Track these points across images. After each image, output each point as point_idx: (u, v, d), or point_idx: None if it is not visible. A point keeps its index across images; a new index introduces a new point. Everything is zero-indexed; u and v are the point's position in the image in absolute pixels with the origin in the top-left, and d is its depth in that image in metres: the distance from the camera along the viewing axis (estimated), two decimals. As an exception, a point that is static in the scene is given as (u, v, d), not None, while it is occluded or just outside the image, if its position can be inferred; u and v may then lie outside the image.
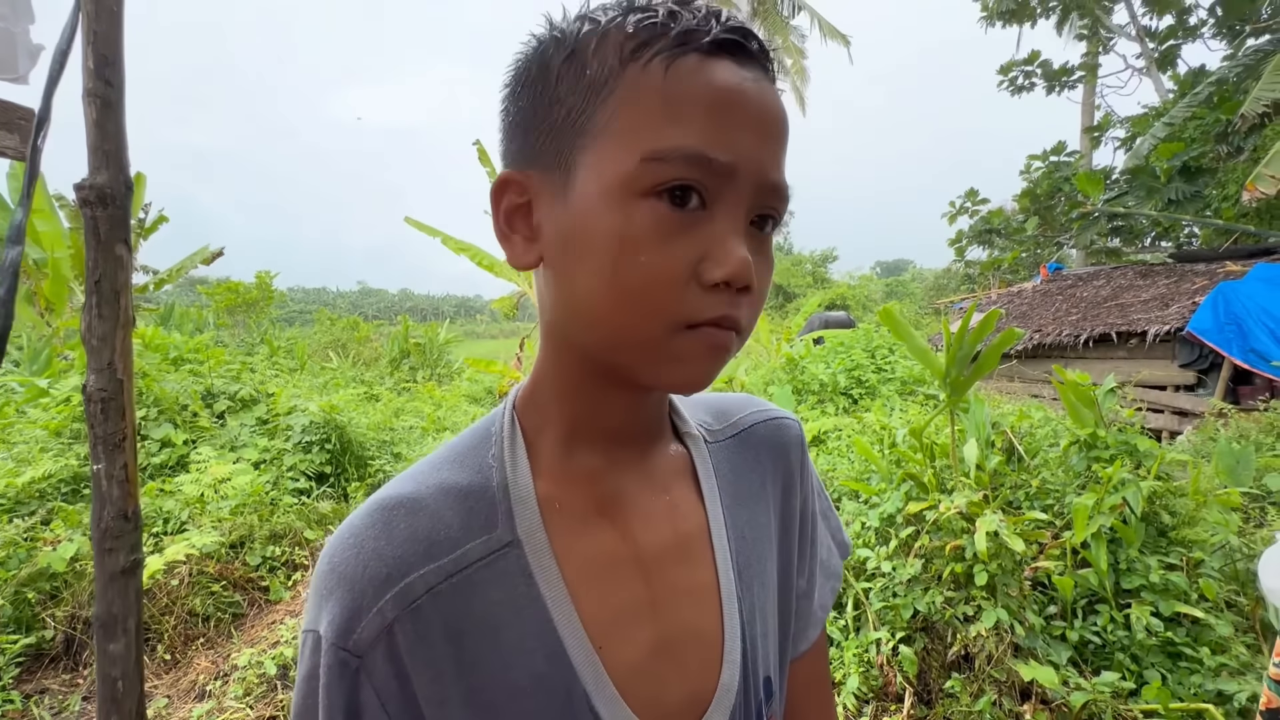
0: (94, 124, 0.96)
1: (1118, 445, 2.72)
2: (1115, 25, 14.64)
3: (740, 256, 0.39)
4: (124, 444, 0.99)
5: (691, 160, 0.38)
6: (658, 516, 0.51)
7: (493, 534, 0.45)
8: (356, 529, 0.44)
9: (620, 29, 0.40)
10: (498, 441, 0.49)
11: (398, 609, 0.42)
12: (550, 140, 0.42)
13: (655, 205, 0.38)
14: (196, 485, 3.95)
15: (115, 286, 0.97)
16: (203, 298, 16.24)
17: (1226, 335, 6.34)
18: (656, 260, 0.38)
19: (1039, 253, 15.89)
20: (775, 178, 0.41)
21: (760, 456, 0.59)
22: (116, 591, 0.99)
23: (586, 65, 0.40)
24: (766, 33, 18.02)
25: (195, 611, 3.24)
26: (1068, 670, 2.19)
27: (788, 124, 0.42)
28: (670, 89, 0.38)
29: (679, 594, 0.50)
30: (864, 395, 5.95)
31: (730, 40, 0.39)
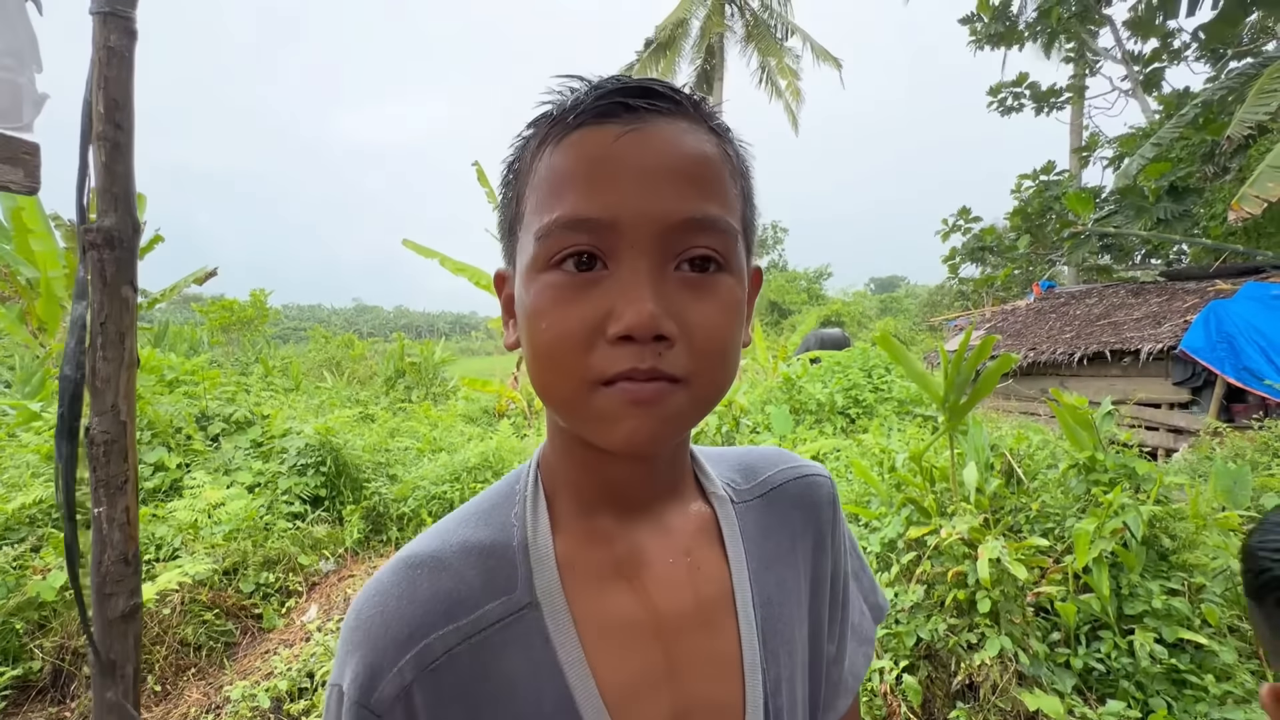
0: (103, 167, 0.97)
1: (1116, 468, 2.72)
2: (1101, 48, 14.95)
3: (640, 308, 0.38)
4: (126, 486, 0.98)
5: (570, 227, 0.40)
6: (678, 580, 0.50)
7: (512, 595, 0.46)
8: (383, 587, 0.46)
9: (528, 131, 0.45)
10: (521, 500, 0.50)
11: (417, 670, 0.43)
12: (507, 239, 0.48)
13: (554, 276, 0.41)
14: (190, 510, 3.90)
15: (121, 329, 0.97)
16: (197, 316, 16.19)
17: (1219, 353, 6.40)
18: (558, 324, 0.41)
19: (1031, 270, 16.04)
20: (678, 215, 0.40)
21: (790, 516, 0.58)
22: (116, 636, 0.97)
23: (517, 166, 0.46)
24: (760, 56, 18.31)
25: (187, 641, 3.18)
26: (1073, 699, 2.18)
27: (697, 159, 0.42)
28: (552, 169, 0.42)
29: (698, 663, 0.49)
30: (861, 415, 5.95)
31: (609, 105, 0.41)
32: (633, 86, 0.42)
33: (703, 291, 0.41)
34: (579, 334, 0.40)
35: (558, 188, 0.41)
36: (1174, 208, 10.78)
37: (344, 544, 4.37)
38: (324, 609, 3.62)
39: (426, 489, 5.14)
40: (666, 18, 17.75)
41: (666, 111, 0.42)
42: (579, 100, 0.42)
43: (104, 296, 0.96)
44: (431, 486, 5.18)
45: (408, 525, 4.89)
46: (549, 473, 0.51)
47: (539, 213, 0.42)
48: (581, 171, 0.40)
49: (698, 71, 19.01)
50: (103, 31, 0.97)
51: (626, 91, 0.41)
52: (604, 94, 0.41)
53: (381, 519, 4.86)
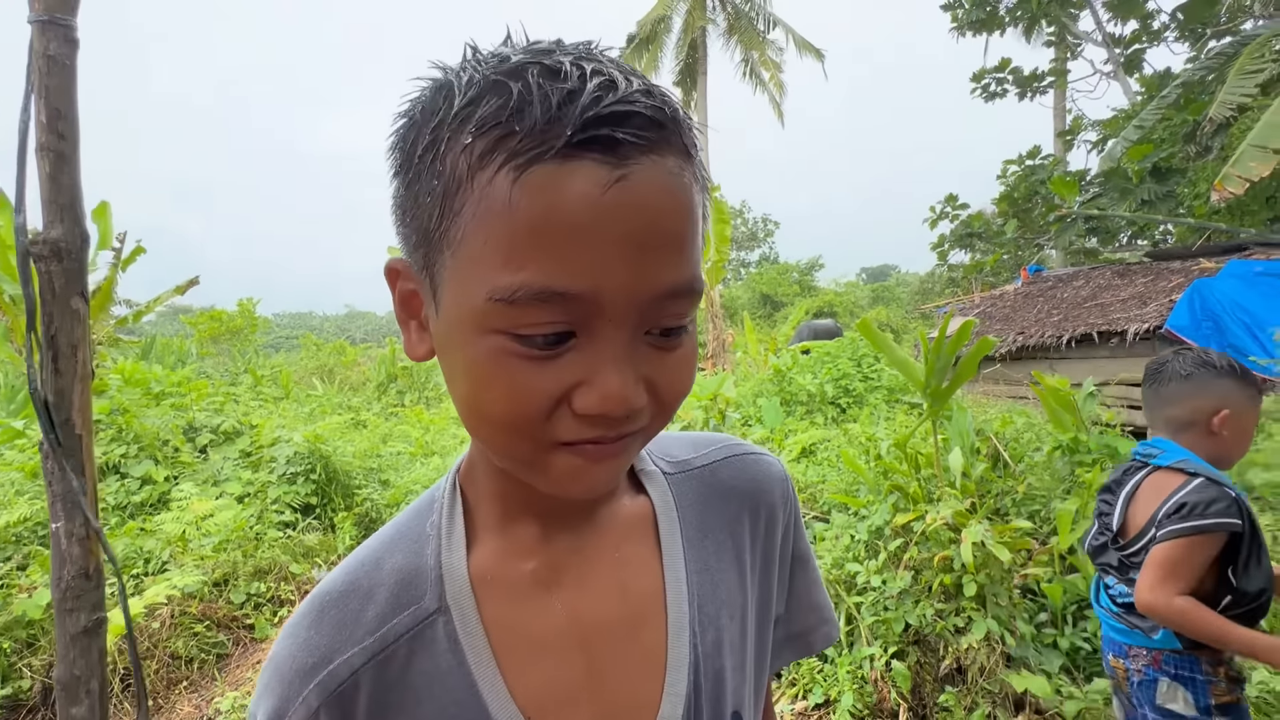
0: (48, 178, 0.95)
1: (1099, 448, 2.74)
2: (1081, 32, 15.01)
3: (615, 391, 0.35)
4: (83, 501, 0.97)
5: (542, 299, 0.33)
6: (605, 583, 0.49)
7: (420, 604, 0.45)
8: (295, 620, 0.45)
9: (467, 125, 0.34)
10: (439, 509, 0.49)
11: (321, 696, 0.42)
12: (419, 245, 0.38)
13: (511, 344, 0.35)
14: (178, 523, 3.88)
15: (73, 341, 0.96)
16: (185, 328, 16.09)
17: (1204, 332, 6.44)
18: (513, 395, 0.36)
19: (1019, 255, 16.10)
20: (666, 286, 0.36)
21: (732, 487, 0.57)
22: (79, 652, 0.96)
23: (441, 163, 0.35)
24: (743, 49, 18.30)
25: (178, 654, 3.17)
26: (1060, 679, 2.19)
27: (687, 210, 0.36)
28: (516, 211, 0.33)
29: (624, 667, 0.48)
30: (852, 404, 5.97)
31: (597, 135, 0.32)
32: (622, 111, 0.33)
33: (670, 353, 0.39)
34: (539, 407, 0.36)
35: (526, 242, 0.33)
36: (1158, 188, 10.84)
37: (336, 551, 4.36)
38: (316, 617, 3.62)
39: (419, 493, 5.12)
40: (647, 14, 17.72)
41: (648, 147, 0.34)
42: (552, 118, 0.32)
43: (53, 309, 0.95)
44: (424, 490, 5.17)
45: (400, 530, 4.88)
46: (471, 485, 0.49)
47: (497, 265, 0.34)
48: (562, 231, 0.33)
49: (681, 66, 18.99)
50: (41, 40, 0.95)
51: (615, 119, 0.33)
52: (596, 120, 0.32)
53: (374, 525, 4.85)
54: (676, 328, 0.38)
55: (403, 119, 0.39)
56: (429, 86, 0.38)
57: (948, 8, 15.34)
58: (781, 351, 8.39)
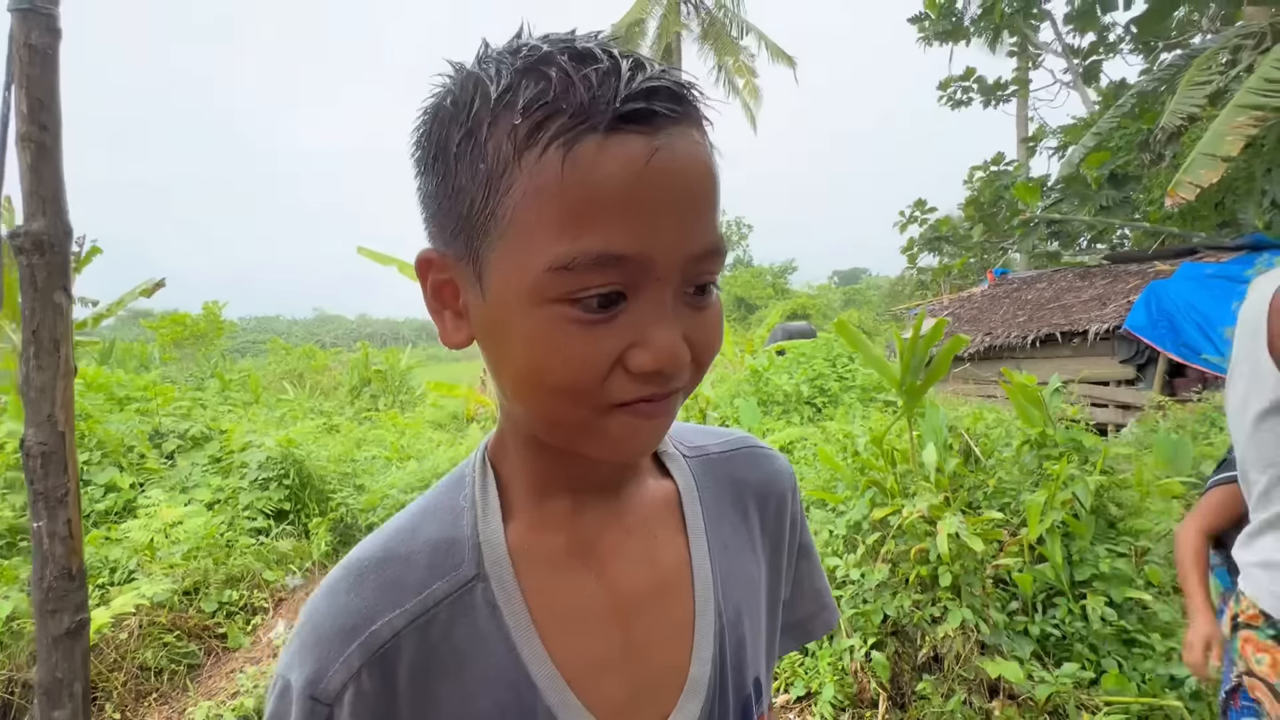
0: (29, 169, 0.93)
1: (1065, 442, 2.84)
2: (1042, 43, 15.53)
3: (667, 346, 0.38)
4: (66, 499, 0.95)
5: (600, 263, 0.35)
6: (636, 559, 0.51)
7: (458, 570, 0.46)
8: (332, 584, 0.46)
9: (511, 110, 0.36)
10: (470, 483, 0.50)
11: (364, 657, 0.43)
12: (459, 232, 0.39)
13: (571, 310, 0.37)
14: (145, 531, 3.76)
15: (55, 336, 0.94)
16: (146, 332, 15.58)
17: (1160, 331, 6.72)
18: (574, 359, 0.38)
19: (986, 258, 16.56)
20: (703, 246, 0.39)
21: (747, 474, 0.60)
22: (61, 654, 0.94)
23: (483, 150, 0.37)
24: (717, 56, 18.49)
25: (147, 665, 3.07)
26: (1031, 664, 2.27)
27: (713, 176, 0.39)
28: (569, 184, 0.35)
29: (657, 636, 0.50)
30: (827, 404, 6.07)
31: (637, 110, 0.35)
32: (653, 87, 0.36)
33: (703, 310, 0.41)
34: (599, 369, 0.38)
35: (582, 212, 0.35)
36: (1115, 194, 11.27)
37: (311, 558, 4.27)
38: (292, 624, 3.54)
39: (395, 497, 5.05)
40: (622, 18, 17.77)
41: (678, 117, 0.37)
42: (595, 96, 0.35)
43: (35, 303, 0.92)
44: (401, 495, 5.09)
45: (377, 535, 4.80)
46: (502, 463, 0.51)
47: (553, 236, 0.36)
48: (613, 198, 0.35)
49: (656, 70, 19.06)
50: (23, 29, 0.93)
51: (649, 94, 0.35)
52: (637, 95, 0.35)
53: (350, 530, 4.76)
54: (707, 286, 0.41)
55: (428, 115, 0.41)
56: (453, 81, 0.40)
57: (915, 20, 15.74)
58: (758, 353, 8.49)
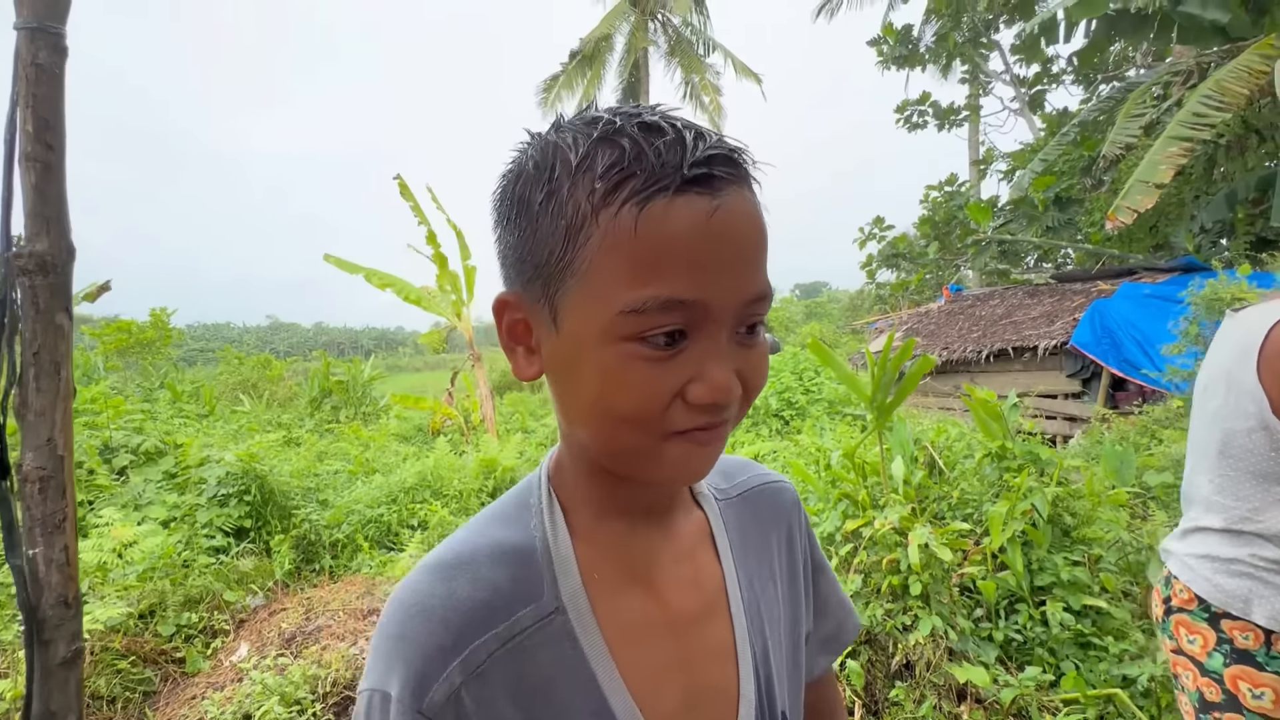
0: (33, 189, 0.91)
1: (1024, 455, 2.99)
2: (992, 71, 16.33)
3: (722, 382, 0.43)
4: (64, 525, 0.93)
5: (667, 307, 0.41)
6: (685, 580, 0.56)
7: (540, 602, 0.50)
8: (423, 594, 0.48)
9: (590, 173, 0.41)
10: (537, 511, 0.54)
11: (464, 674, 0.46)
12: (538, 278, 0.45)
13: (639, 348, 0.42)
14: (97, 551, 3.59)
15: (56, 358, 0.92)
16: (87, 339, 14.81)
17: (1103, 347, 7.11)
18: (641, 391, 0.42)
19: (941, 274, 17.20)
20: (754, 293, 0.44)
21: (763, 515, 0.66)
22: (56, 685, 0.91)
23: (564, 207, 0.42)
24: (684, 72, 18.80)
25: (99, 694, 2.92)
26: (996, 669, 2.37)
27: (763, 231, 0.45)
28: (641, 239, 0.40)
29: (704, 653, 0.55)
30: (795, 416, 6.21)
31: (700, 175, 0.41)
32: (713, 154, 0.41)
33: (752, 349, 0.46)
34: (663, 400, 0.43)
35: (652, 263, 0.40)
36: (1060, 216, 11.91)
37: (274, 576, 4.13)
38: (256, 646, 3.42)
39: (361, 513, 4.95)
40: (590, 31, 17.92)
41: (733, 179, 0.43)
42: (664, 163, 0.40)
43: (37, 325, 0.90)
44: (367, 510, 4.99)
45: (343, 552, 4.68)
46: (563, 488, 0.55)
47: (626, 284, 0.41)
48: (679, 252, 0.40)
49: (624, 85, 19.28)
50: (30, 48, 0.91)
51: (710, 161, 0.41)
52: (698, 162, 0.41)
53: (313, 547, 4.63)
54: (756, 326, 0.46)
55: (510, 176, 0.47)
56: (533, 147, 0.46)
57: (874, 43, 16.35)
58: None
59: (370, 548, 4.67)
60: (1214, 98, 6.29)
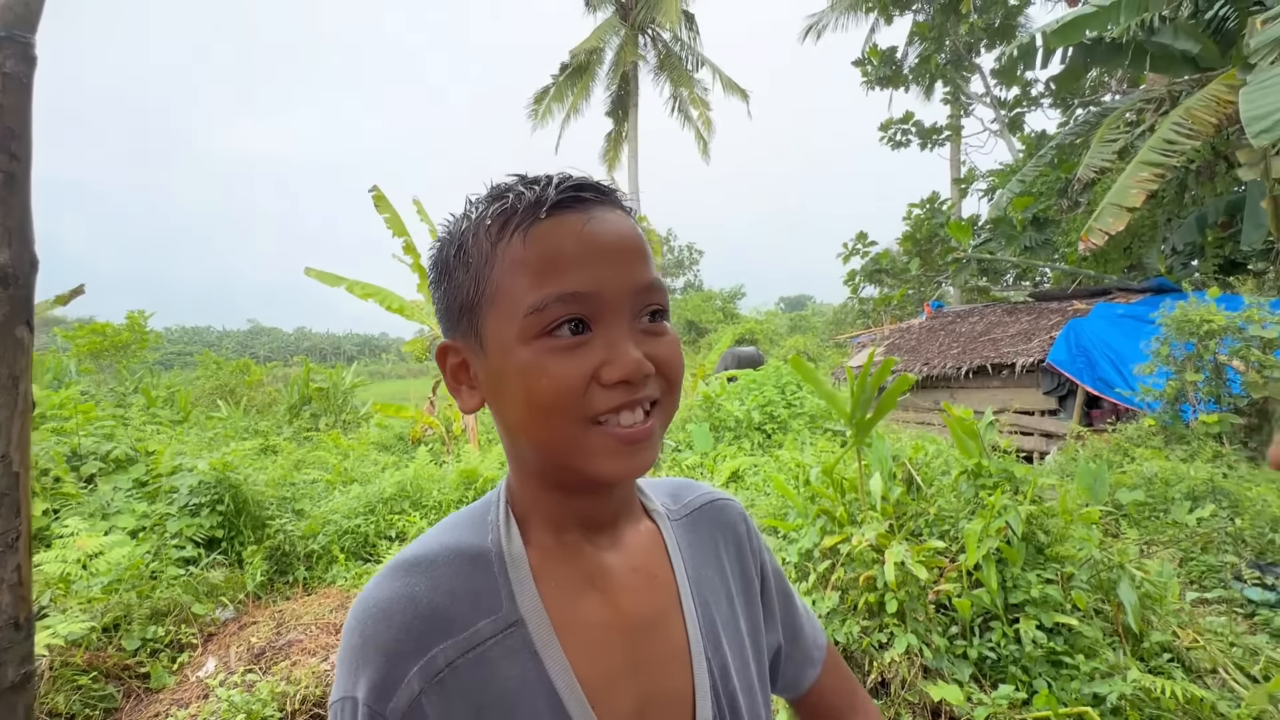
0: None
1: (999, 473, 3.03)
2: (973, 93, 16.69)
3: (632, 357, 0.48)
4: (17, 543, 0.90)
5: (563, 300, 0.47)
6: (637, 588, 0.59)
7: (499, 614, 0.52)
8: (382, 599, 0.51)
9: (484, 219, 0.51)
10: (494, 523, 0.57)
11: (424, 681, 0.48)
12: (462, 317, 0.52)
13: (549, 341, 0.48)
14: (60, 562, 3.49)
15: (14, 372, 0.89)
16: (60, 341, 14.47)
17: (1078, 365, 7.24)
18: (560, 378, 0.47)
19: (923, 290, 17.45)
20: (642, 282, 0.50)
21: (711, 532, 0.69)
22: (4, 709, 0.88)
23: (470, 254, 0.51)
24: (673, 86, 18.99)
25: (57, 711, 2.83)
26: (970, 687, 2.38)
27: (638, 236, 0.52)
28: (529, 254, 0.48)
29: (657, 659, 0.57)
30: (776, 430, 6.23)
31: (566, 198, 0.49)
32: (580, 182, 0.51)
33: (659, 335, 0.52)
34: (578, 384, 0.48)
35: (543, 269, 0.48)
36: (1037, 236, 12.16)
37: (245, 588, 4.04)
38: (223, 661, 3.33)
39: (338, 523, 4.86)
40: (580, 43, 18.05)
41: (601, 201, 0.52)
42: (542, 195, 0.50)
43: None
44: (344, 520, 4.90)
45: (318, 563, 4.59)
46: (517, 502, 0.58)
47: (526, 290, 0.48)
48: (563, 255, 0.48)
49: (613, 97, 19.41)
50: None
51: (577, 188, 0.51)
52: (565, 189, 0.50)
53: (287, 558, 4.53)
54: (659, 314, 0.52)
55: (434, 249, 0.56)
56: (450, 224, 0.55)
57: (859, 63, 16.65)
58: (709, 378, 8.64)
59: (346, 559, 4.59)
60: (1184, 125, 6.49)
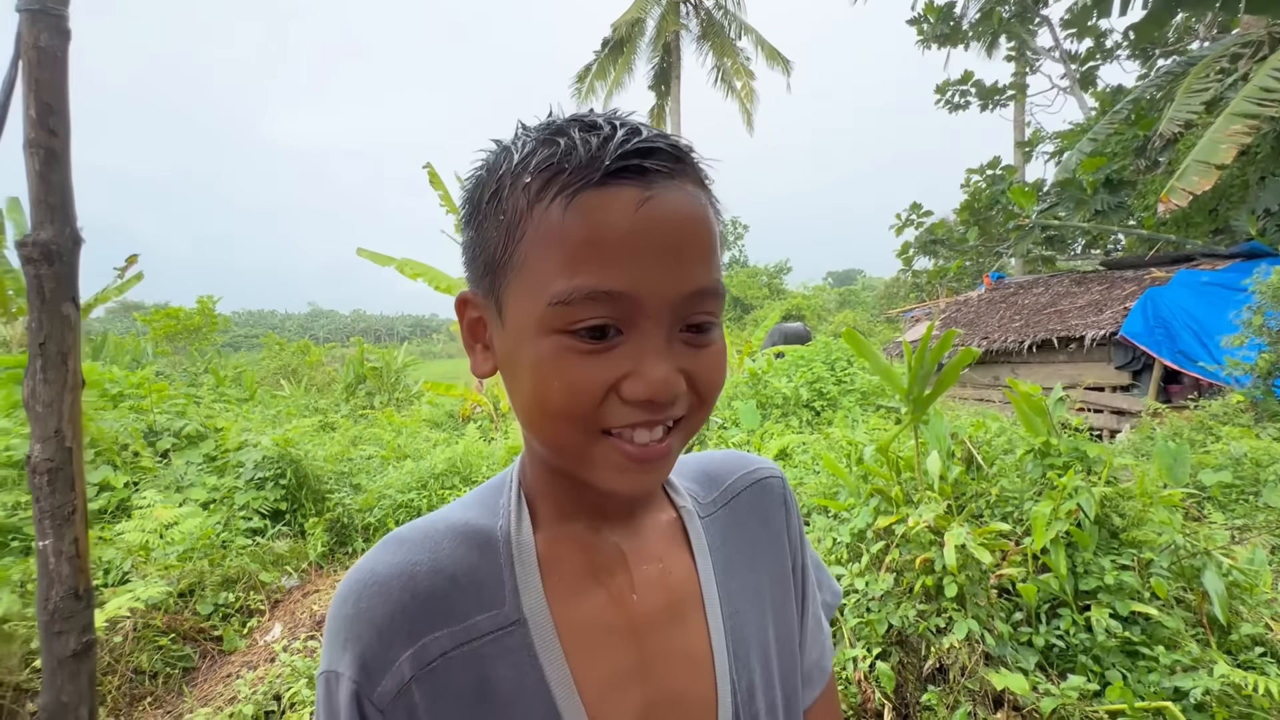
0: (37, 176, 0.90)
1: (1069, 452, 2.84)
2: (1040, 48, 15.59)
3: (659, 376, 0.41)
4: (74, 517, 0.92)
5: (594, 299, 0.40)
6: (650, 583, 0.54)
7: (500, 610, 0.48)
8: (380, 572, 0.48)
9: (525, 169, 0.42)
10: (505, 503, 0.53)
11: (415, 668, 0.45)
12: (485, 275, 0.45)
13: (568, 340, 0.41)
14: (140, 531, 3.72)
15: (62, 349, 0.91)
16: (139, 325, 15.42)
17: (1156, 338, 6.76)
18: (573, 385, 0.41)
19: (981, 262, 16.63)
20: (694, 287, 0.42)
21: (748, 524, 0.62)
22: (67, 677, 0.91)
23: (504, 206, 0.43)
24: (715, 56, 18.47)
25: (141, 669, 3.03)
26: (1036, 676, 2.26)
27: (706, 224, 0.43)
28: (568, 230, 0.40)
29: (669, 660, 0.52)
30: (826, 407, 6.07)
31: (628, 165, 0.40)
32: (647, 147, 0.41)
33: (702, 349, 0.45)
34: (594, 394, 0.42)
35: (578, 253, 0.40)
36: (1110, 199, 11.33)
37: (307, 558, 4.23)
38: (288, 627, 3.50)
39: (393, 497, 5.02)
40: (622, 15, 17.71)
41: (670, 173, 0.42)
42: (593, 156, 0.40)
43: (43, 315, 0.89)
44: (398, 495, 5.06)
45: (374, 535, 4.77)
46: (528, 484, 0.54)
47: (555, 275, 0.40)
48: (606, 241, 0.40)
49: (655, 70, 19.05)
50: (31, 30, 0.90)
51: (642, 153, 0.41)
52: (622, 155, 0.40)
53: (346, 530, 4.73)
54: (706, 325, 0.44)
55: (470, 180, 0.47)
56: (491, 152, 0.47)
57: (914, 21, 15.76)
58: (756, 355, 8.48)
59: (401, 532, 4.75)
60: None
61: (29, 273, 0.90)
